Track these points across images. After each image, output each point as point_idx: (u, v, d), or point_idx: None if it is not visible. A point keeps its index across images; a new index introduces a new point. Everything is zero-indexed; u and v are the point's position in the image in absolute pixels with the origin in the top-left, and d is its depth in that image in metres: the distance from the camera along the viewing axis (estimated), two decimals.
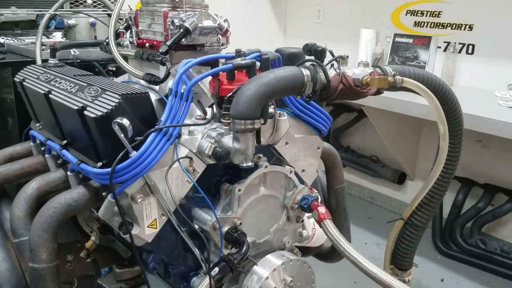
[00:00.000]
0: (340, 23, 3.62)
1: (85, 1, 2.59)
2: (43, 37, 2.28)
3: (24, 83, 1.34)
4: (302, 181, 1.36)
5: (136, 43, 1.35)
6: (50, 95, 1.18)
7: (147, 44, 1.32)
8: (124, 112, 1.02)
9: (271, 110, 1.22)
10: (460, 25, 2.96)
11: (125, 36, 1.39)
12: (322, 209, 1.19)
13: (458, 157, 1.36)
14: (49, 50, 1.90)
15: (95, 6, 2.85)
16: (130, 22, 1.40)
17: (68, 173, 1.18)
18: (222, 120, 1.12)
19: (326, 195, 1.56)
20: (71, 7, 2.65)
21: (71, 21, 2.49)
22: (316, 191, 1.41)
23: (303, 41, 1.27)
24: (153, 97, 1.28)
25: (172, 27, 1.24)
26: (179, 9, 1.27)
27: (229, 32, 1.32)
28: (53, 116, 1.23)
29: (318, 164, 1.41)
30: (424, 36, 3.08)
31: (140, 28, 1.37)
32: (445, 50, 3.02)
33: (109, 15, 2.65)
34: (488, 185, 2.78)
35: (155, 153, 1.04)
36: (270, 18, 4.03)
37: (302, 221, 1.30)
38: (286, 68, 1.11)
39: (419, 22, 3.16)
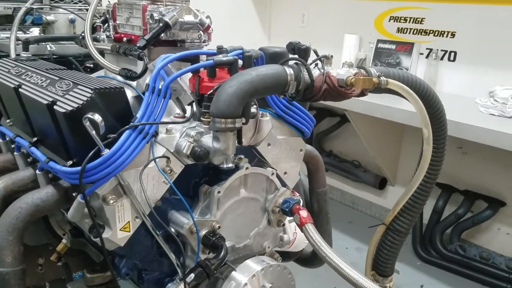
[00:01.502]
0: (324, 28, 3.60)
1: None
2: (20, 32, 2.20)
3: None
4: (284, 184, 1.31)
5: (113, 38, 1.29)
6: (20, 89, 1.11)
7: (124, 39, 1.25)
8: (97, 108, 0.95)
9: (253, 110, 1.17)
10: (442, 32, 2.96)
11: (102, 30, 1.32)
12: (303, 213, 1.14)
13: (441, 162, 1.33)
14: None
15: (75, 3, 2.76)
16: (107, 16, 1.34)
17: (37, 171, 1.10)
18: (202, 118, 1.06)
19: (308, 198, 1.51)
20: (50, 2, 2.56)
21: (50, 17, 2.41)
22: (298, 194, 1.36)
23: None
24: (130, 93, 1.22)
25: (151, 21, 1.18)
26: (158, 3, 1.21)
27: (211, 28, 1.27)
28: (23, 112, 1.15)
29: (300, 166, 1.36)
30: (406, 43, 3.07)
31: (118, 22, 1.30)
32: (427, 56, 3.02)
33: (87, 10, 2.58)
34: (468, 192, 2.78)
35: (129, 151, 0.97)
36: (255, 22, 3.99)
37: (283, 225, 1.25)
38: (269, 66, 1.06)
39: (402, 28, 3.16)
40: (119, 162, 0.95)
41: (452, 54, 2.93)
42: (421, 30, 3.07)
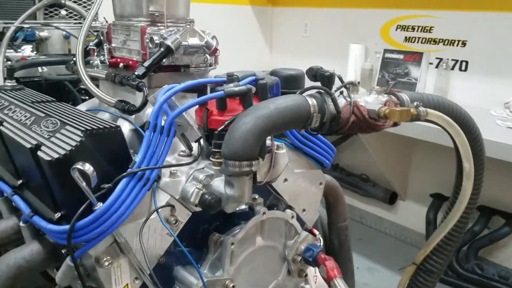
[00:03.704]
0: (328, 38, 3.44)
1: (59, 12, 2.34)
2: (10, 50, 2.03)
3: None
4: (302, 223, 1.14)
5: (108, 63, 1.12)
6: (1, 127, 0.94)
7: (121, 64, 1.09)
8: (88, 153, 0.79)
9: (268, 142, 1.01)
10: (452, 41, 2.80)
11: (95, 53, 1.15)
12: (330, 264, 0.97)
13: (478, 197, 1.17)
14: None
15: (70, 17, 2.60)
16: (102, 38, 1.18)
17: (21, 223, 0.93)
18: (211, 158, 0.90)
19: (327, 233, 1.34)
20: (45, 18, 2.39)
21: (43, 33, 2.24)
22: (317, 232, 1.19)
23: (290, 56, 1.09)
24: (128, 127, 1.06)
25: (150, 45, 1.02)
26: (159, 24, 1.05)
27: (218, 51, 1.11)
28: (6, 151, 0.99)
29: (320, 202, 1.20)
30: (415, 52, 2.91)
31: (113, 45, 1.14)
32: (437, 66, 2.85)
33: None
34: (484, 208, 2.61)
35: (127, 203, 0.80)
36: (256, 31, 3.83)
37: (306, 275, 1.08)
38: (289, 97, 0.90)
39: (409, 37, 3.00)
40: (115, 218, 0.78)
41: (464, 63, 2.76)
42: (430, 39, 2.90)
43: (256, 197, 1.03)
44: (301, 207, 1.14)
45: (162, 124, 0.88)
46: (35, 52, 2.15)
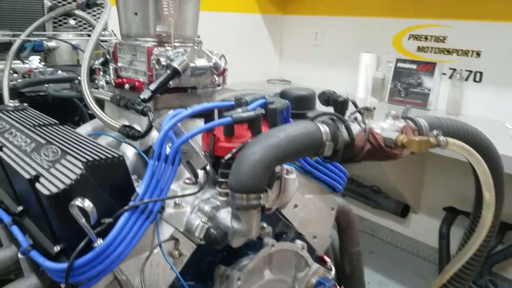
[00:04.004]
0: (338, 46, 3.38)
1: (68, 21, 2.31)
2: (17, 62, 2.01)
3: None
4: (312, 250, 1.09)
5: (113, 83, 1.08)
6: (0, 153, 0.91)
7: (127, 85, 1.05)
8: (88, 186, 0.75)
9: (277, 167, 0.96)
10: (466, 51, 2.73)
11: (101, 72, 1.12)
12: None
13: (497, 225, 1.11)
14: (19, 80, 1.63)
15: (79, 25, 2.58)
16: (108, 57, 1.14)
17: (19, 255, 0.89)
18: (218, 188, 0.85)
19: (338, 258, 1.29)
20: (53, 27, 2.37)
21: (52, 44, 2.22)
22: (328, 260, 1.14)
23: (300, 64, 1.04)
24: (132, 151, 1.02)
25: (157, 67, 0.98)
26: (166, 45, 1.01)
27: (226, 71, 1.06)
28: (6, 176, 0.95)
29: (332, 228, 1.15)
30: (428, 62, 2.85)
31: (119, 64, 1.10)
32: (450, 77, 2.79)
33: (90, 36, 2.39)
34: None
35: (128, 239, 0.76)
36: (265, 40, 3.78)
37: None
38: (300, 124, 0.85)
39: (422, 47, 2.93)
40: (116, 255, 0.74)
41: (478, 74, 2.69)
42: (443, 49, 2.84)
43: (265, 225, 0.98)
44: (311, 234, 1.09)
45: (167, 152, 0.83)
46: (43, 63, 2.13)
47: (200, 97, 1.08)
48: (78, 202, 0.71)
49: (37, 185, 0.76)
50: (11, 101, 1.11)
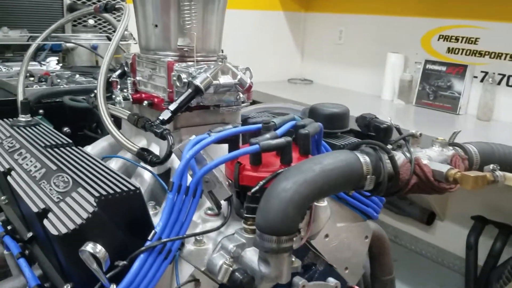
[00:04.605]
0: (364, 45, 3.24)
1: (87, 22, 2.24)
2: (35, 63, 1.95)
3: None
4: (344, 282, 1.00)
5: (131, 98, 0.99)
6: (8, 177, 0.83)
7: (145, 102, 0.96)
8: (101, 225, 0.66)
9: None
10: (499, 54, 2.57)
11: (118, 86, 1.03)
12: None
13: None
14: (36, 86, 1.56)
15: (99, 24, 2.51)
16: (126, 69, 1.05)
17: None
18: (243, 224, 0.76)
19: (369, 285, 1.19)
20: (72, 27, 2.30)
21: (70, 44, 2.16)
22: None
23: (322, 63, 0.95)
24: (148, 174, 0.93)
25: (178, 84, 0.89)
26: (188, 60, 0.91)
27: (252, 87, 0.96)
28: (15, 200, 0.88)
29: (365, 257, 1.05)
30: (459, 64, 2.70)
31: (137, 78, 1.01)
32: (482, 80, 2.63)
33: (109, 38, 2.31)
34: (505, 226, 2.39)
35: (145, 284, 0.68)
36: (287, 38, 3.66)
37: None
38: (338, 154, 0.75)
39: (453, 48, 2.78)
40: None
41: None
42: (475, 51, 2.68)
43: (293, 259, 0.88)
44: (343, 265, 0.99)
45: (187, 182, 0.74)
46: (60, 64, 2.07)
47: (223, 115, 0.98)
48: (89, 247, 0.62)
49: (45, 222, 0.68)
50: (23, 116, 1.03)
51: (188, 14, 0.86)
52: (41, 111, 1.41)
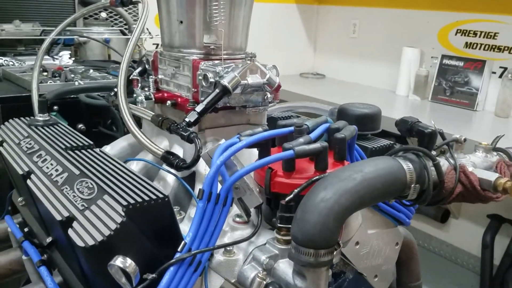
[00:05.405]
0: (378, 39, 3.17)
1: (99, 15, 2.19)
2: (47, 58, 1.90)
3: (2, 146, 0.95)
4: None
5: (153, 97, 0.95)
6: (28, 181, 0.79)
7: (168, 102, 0.91)
8: (129, 237, 0.62)
9: None
10: None
11: (139, 85, 0.98)
12: None
13: None
14: (50, 82, 1.52)
15: (110, 17, 2.46)
16: (146, 66, 1.00)
17: None
18: (276, 235, 0.72)
19: None
20: (84, 21, 2.26)
21: (82, 38, 2.11)
22: None
23: (335, 57, 0.91)
24: (172, 177, 0.89)
25: (204, 83, 0.84)
26: (214, 58, 0.86)
27: (281, 87, 0.91)
28: (35, 205, 0.84)
29: (394, 264, 1.00)
30: (477, 60, 2.62)
31: (160, 76, 0.96)
32: (501, 76, 2.56)
33: (122, 32, 2.26)
34: None
35: None
36: (299, 30, 3.59)
37: None
38: (379, 161, 0.70)
39: (471, 43, 2.70)
40: None
41: None
42: (494, 46, 2.60)
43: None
44: (373, 273, 0.94)
45: (217, 189, 0.70)
46: (72, 58, 2.03)
47: (248, 116, 0.93)
48: (119, 262, 0.58)
49: (70, 232, 0.63)
50: (41, 114, 0.99)
51: (216, 10, 0.81)
52: (55, 107, 1.37)
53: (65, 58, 1.92)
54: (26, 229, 0.99)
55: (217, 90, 0.81)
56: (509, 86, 2.50)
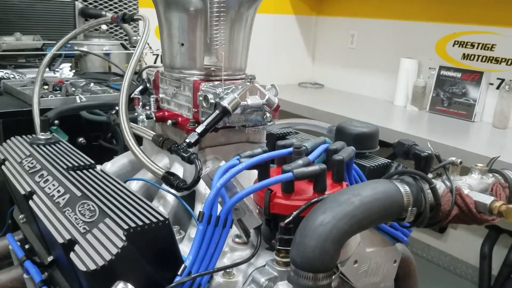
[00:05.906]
0: (376, 50, 3.19)
1: (100, 27, 2.21)
2: (48, 70, 1.91)
3: (4, 165, 0.95)
4: None
5: (154, 116, 0.96)
6: (30, 201, 0.80)
7: (169, 122, 0.92)
8: (130, 261, 0.63)
9: None
10: None
11: (140, 104, 0.99)
12: None
13: None
14: (51, 96, 1.53)
15: (111, 28, 2.48)
16: (148, 85, 1.01)
17: None
18: (276, 256, 0.72)
19: None
20: (85, 33, 2.27)
21: (83, 49, 2.13)
22: None
23: (334, 67, 0.92)
24: (172, 197, 0.90)
25: (204, 104, 0.85)
26: (214, 79, 0.87)
27: (280, 107, 0.92)
28: (36, 224, 0.84)
29: (393, 282, 1.01)
30: (474, 71, 2.65)
31: (161, 95, 0.97)
32: (498, 87, 2.58)
33: (123, 45, 2.28)
34: None
35: None
36: (298, 41, 3.62)
37: None
38: (376, 184, 0.71)
39: (468, 54, 2.73)
40: None
41: None
42: (491, 58, 2.63)
43: None
44: None
45: (217, 212, 0.71)
46: (73, 70, 2.04)
47: (248, 134, 0.94)
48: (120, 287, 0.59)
49: (72, 255, 0.64)
50: (42, 133, 1.00)
51: (216, 33, 0.82)
52: (56, 121, 1.38)
53: (65, 70, 1.93)
54: (27, 246, 1.00)
55: (217, 111, 0.82)
56: (506, 98, 2.52)
